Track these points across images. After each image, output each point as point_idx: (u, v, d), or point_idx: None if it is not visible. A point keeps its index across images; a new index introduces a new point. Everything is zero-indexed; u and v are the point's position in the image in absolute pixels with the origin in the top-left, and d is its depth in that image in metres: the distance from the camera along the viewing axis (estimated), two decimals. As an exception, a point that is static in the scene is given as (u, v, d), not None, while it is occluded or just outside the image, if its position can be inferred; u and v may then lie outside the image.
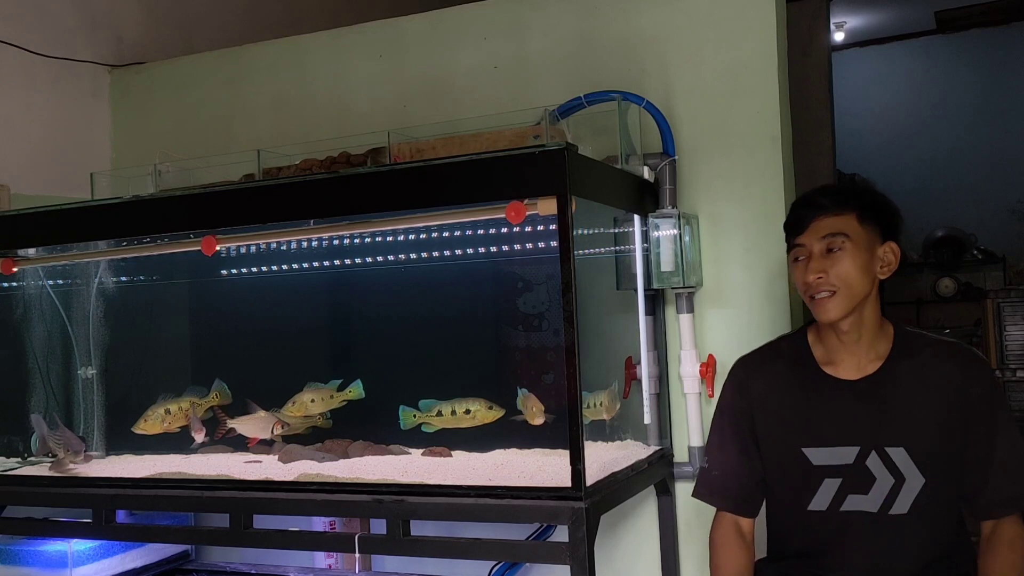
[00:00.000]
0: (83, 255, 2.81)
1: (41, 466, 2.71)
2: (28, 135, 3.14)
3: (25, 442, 2.83)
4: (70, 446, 2.64)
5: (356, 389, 2.60)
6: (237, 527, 2.27)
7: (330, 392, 2.61)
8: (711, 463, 2.11)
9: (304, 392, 2.62)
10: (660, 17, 2.67)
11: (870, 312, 1.95)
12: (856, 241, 1.91)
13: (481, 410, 2.42)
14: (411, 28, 3.01)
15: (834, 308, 1.91)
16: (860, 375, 1.96)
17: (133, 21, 3.52)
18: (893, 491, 1.90)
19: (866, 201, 1.95)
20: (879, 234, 1.94)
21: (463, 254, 2.64)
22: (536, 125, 2.30)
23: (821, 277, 1.91)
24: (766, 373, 2.07)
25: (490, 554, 2.22)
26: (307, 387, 2.62)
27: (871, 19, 7.10)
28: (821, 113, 4.12)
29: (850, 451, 1.93)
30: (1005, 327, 5.00)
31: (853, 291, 1.90)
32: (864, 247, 1.92)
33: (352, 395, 2.60)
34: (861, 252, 1.91)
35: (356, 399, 2.60)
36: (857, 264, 1.90)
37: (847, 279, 1.90)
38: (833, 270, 1.90)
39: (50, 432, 2.69)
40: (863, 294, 1.92)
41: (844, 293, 1.90)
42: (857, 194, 1.97)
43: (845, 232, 1.91)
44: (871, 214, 1.94)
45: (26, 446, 2.83)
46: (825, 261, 1.92)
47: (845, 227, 1.92)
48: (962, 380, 1.90)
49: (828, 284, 1.91)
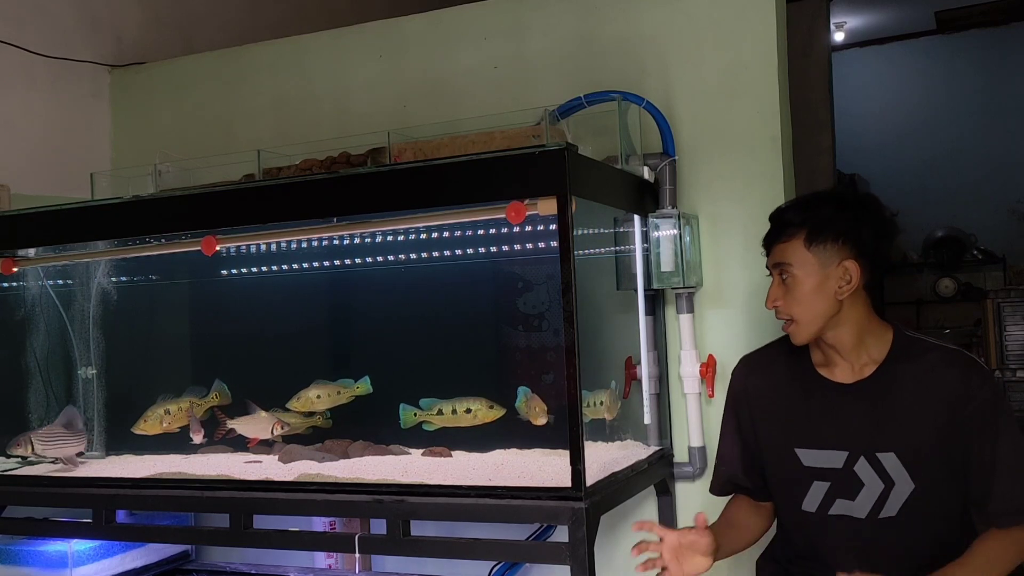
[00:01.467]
0: (83, 255, 2.80)
1: (42, 466, 2.71)
2: (28, 135, 3.14)
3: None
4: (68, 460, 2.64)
5: (364, 384, 2.60)
6: (237, 527, 2.27)
7: (337, 388, 2.60)
8: (720, 459, 2.14)
9: (310, 388, 2.61)
10: (660, 17, 2.67)
11: (854, 323, 1.92)
12: (802, 268, 1.89)
13: (482, 409, 2.42)
14: (411, 28, 3.01)
15: (797, 335, 1.93)
16: (855, 379, 1.95)
17: (133, 21, 3.52)
18: (882, 496, 1.90)
19: (817, 222, 1.89)
20: (836, 253, 1.88)
21: (463, 254, 2.64)
22: (536, 125, 2.30)
23: (777, 305, 1.93)
24: (766, 372, 2.08)
25: (490, 554, 2.22)
26: (313, 383, 2.61)
27: (871, 19, 7.10)
28: (821, 113, 4.12)
29: (839, 455, 1.93)
30: (1005, 327, 5.00)
31: (808, 317, 1.90)
32: (812, 272, 1.88)
33: (360, 390, 2.59)
34: (809, 278, 1.89)
35: (364, 394, 2.59)
36: (805, 292, 1.89)
37: (798, 308, 1.90)
38: (784, 299, 1.92)
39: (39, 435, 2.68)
40: (825, 315, 1.90)
41: (800, 320, 1.91)
42: (806, 216, 1.91)
43: (789, 261, 1.90)
44: (823, 235, 1.88)
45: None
46: (779, 289, 1.93)
47: (789, 256, 1.90)
48: (963, 388, 1.88)
49: (783, 313, 1.93)
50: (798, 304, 1.90)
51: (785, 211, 1.97)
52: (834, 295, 1.90)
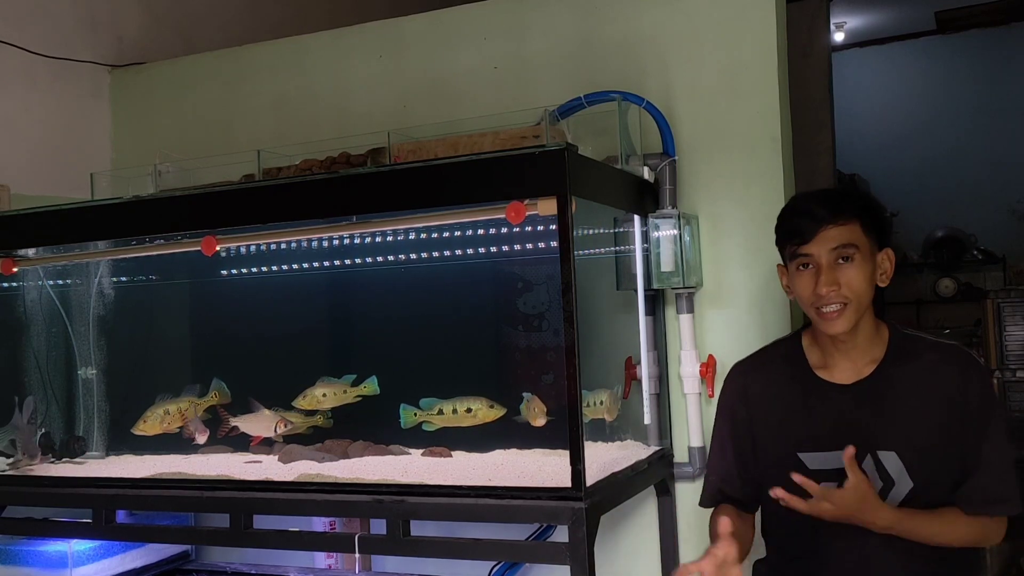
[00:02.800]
0: (83, 255, 2.81)
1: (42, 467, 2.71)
2: (28, 135, 3.14)
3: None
4: (27, 450, 2.63)
5: (371, 385, 2.58)
6: (237, 527, 2.27)
7: (343, 387, 2.58)
8: (711, 469, 2.12)
9: (316, 386, 2.59)
10: (660, 17, 2.67)
11: (866, 319, 1.94)
12: (863, 251, 1.89)
13: (482, 409, 2.42)
14: (411, 28, 3.01)
15: (843, 321, 1.89)
16: (854, 379, 1.95)
17: (133, 21, 3.52)
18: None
19: (866, 209, 1.93)
20: (878, 241, 1.93)
21: (463, 254, 2.64)
22: (536, 125, 2.30)
23: (833, 289, 1.87)
24: (762, 377, 2.06)
25: (490, 554, 2.22)
26: (319, 381, 2.59)
27: (871, 19, 7.10)
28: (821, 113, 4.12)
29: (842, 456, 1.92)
30: (1005, 327, 5.00)
31: (862, 302, 1.89)
32: (868, 257, 1.90)
33: (367, 390, 2.58)
34: (867, 262, 1.89)
35: (371, 395, 2.57)
36: (865, 275, 1.89)
37: (858, 291, 1.88)
38: (844, 281, 1.88)
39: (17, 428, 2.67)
40: (868, 304, 1.91)
41: (854, 305, 1.88)
42: (858, 201, 1.94)
43: (855, 243, 1.88)
44: (871, 222, 1.92)
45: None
46: (836, 272, 1.88)
47: (854, 238, 1.88)
48: (959, 383, 1.89)
49: (840, 296, 1.88)
50: (857, 287, 1.88)
51: (836, 197, 1.95)
52: (876, 283, 1.91)
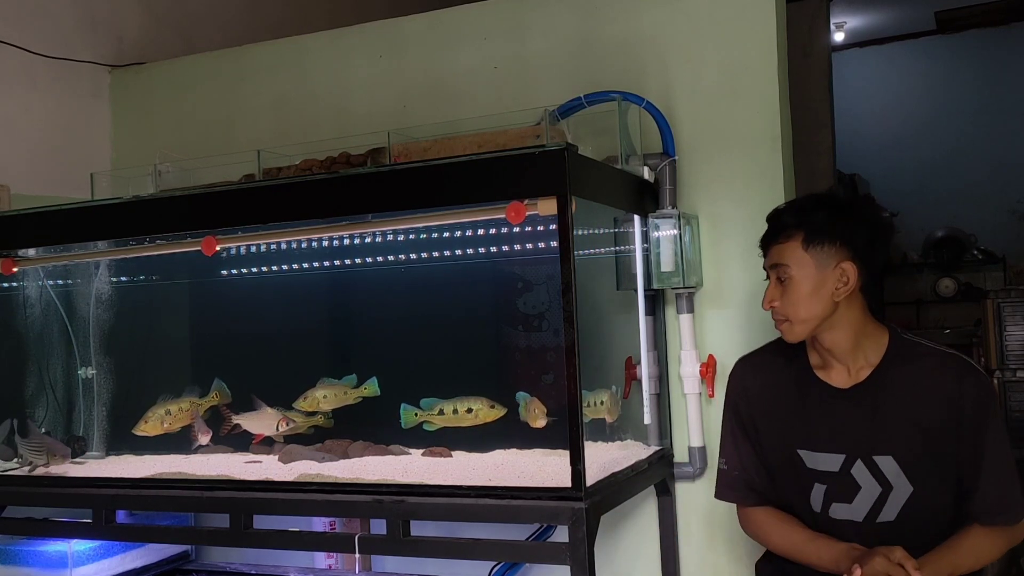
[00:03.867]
0: (83, 255, 2.80)
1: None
2: (28, 135, 3.14)
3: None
4: (55, 450, 2.63)
5: (372, 386, 2.58)
6: (237, 527, 2.26)
7: (344, 388, 2.58)
8: (729, 463, 2.12)
9: (317, 388, 2.59)
10: (660, 17, 2.67)
11: (850, 325, 1.93)
12: (800, 270, 1.90)
13: (483, 409, 2.41)
14: (411, 28, 3.01)
15: (791, 334, 1.95)
16: (851, 383, 1.96)
17: (133, 21, 3.52)
18: (880, 500, 1.90)
19: (816, 223, 1.90)
20: (833, 255, 1.90)
21: (463, 254, 2.64)
22: (536, 125, 2.30)
23: (773, 305, 1.94)
24: (765, 373, 2.08)
25: (490, 554, 2.21)
26: (320, 383, 2.60)
27: (871, 19, 7.10)
28: (821, 113, 4.12)
29: (835, 459, 1.94)
30: (1005, 327, 5.01)
31: (802, 318, 1.91)
32: (810, 274, 1.90)
33: (368, 392, 2.58)
34: (807, 279, 1.90)
35: (371, 396, 2.58)
36: (802, 293, 1.90)
37: (793, 309, 1.91)
38: (781, 300, 1.93)
39: (24, 441, 2.66)
40: (820, 317, 1.91)
41: (796, 321, 1.92)
42: (802, 218, 1.92)
43: (786, 263, 1.92)
44: (821, 236, 1.89)
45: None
46: (776, 290, 1.94)
47: (787, 257, 1.92)
48: (957, 391, 1.88)
49: (779, 313, 1.94)
50: (794, 305, 1.91)
51: (782, 213, 1.98)
52: (831, 297, 1.90)
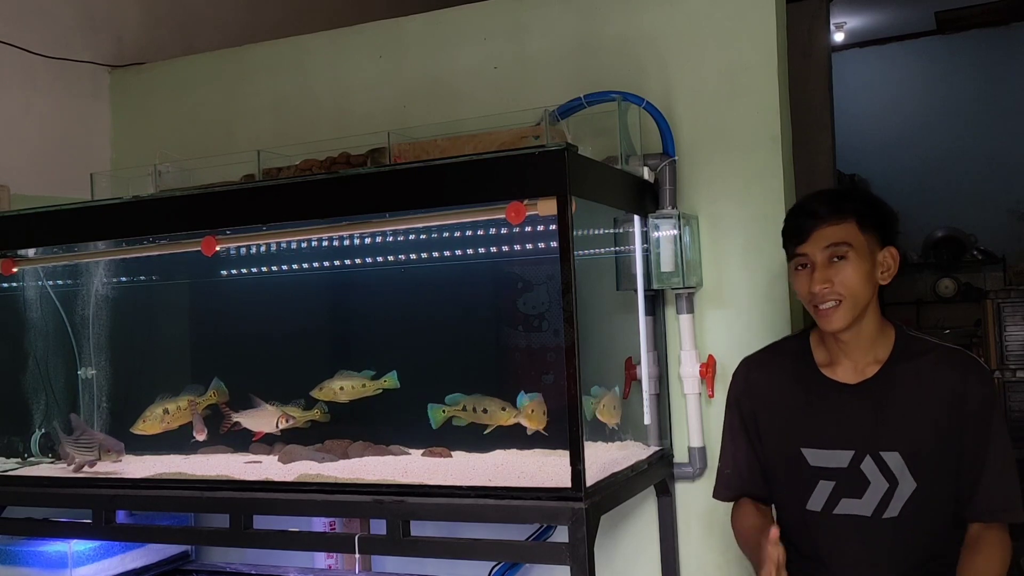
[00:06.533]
0: (83, 255, 2.80)
1: (42, 467, 2.70)
2: (28, 135, 3.14)
3: (25, 442, 2.83)
4: (109, 446, 2.62)
5: (391, 379, 2.57)
6: (237, 527, 2.26)
7: (362, 380, 2.57)
8: (724, 461, 2.13)
9: (334, 379, 2.58)
10: (660, 17, 2.67)
11: (870, 317, 1.95)
12: (858, 249, 1.91)
13: (497, 412, 2.39)
14: (411, 28, 3.01)
15: (839, 318, 1.92)
16: (859, 379, 1.97)
17: (133, 21, 3.52)
18: (887, 495, 1.91)
19: (865, 207, 1.95)
20: (878, 240, 1.94)
21: (463, 255, 2.64)
22: (536, 125, 2.30)
23: (827, 287, 1.91)
24: (769, 372, 2.09)
25: (490, 554, 2.21)
26: (338, 374, 2.58)
27: (871, 19, 7.10)
28: (821, 113, 4.12)
29: (844, 455, 1.94)
30: (1005, 327, 5.01)
31: (857, 299, 1.91)
32: (865, 254, 1.92)
33: (388, 384, 2.57)
34: (863, 260, 1.91)
35: (391, 388, 2.57)
36: (860, 272, 1.91)
37: (852, 288, 1.90)
38: (838, 279, 1.91)
39: (70, 438, 2.65)
40: (866, 301, 1.93)
41: (849, 302, 1.91)
42: (856, 200, 1.96)
43: (848, 241, 1.91)
44: (870, 220, 1.93)
45: (26, 446, 2.83)
46: (829, 270, 1.91)
47: (847, 236, 1.91)
48: (961, 386, 1.90)
49: (834, 294, 1.91)
50: (851, 284, 1.90)
51: (832, 196, 1.98)
52: (876, 281, 1.93)
